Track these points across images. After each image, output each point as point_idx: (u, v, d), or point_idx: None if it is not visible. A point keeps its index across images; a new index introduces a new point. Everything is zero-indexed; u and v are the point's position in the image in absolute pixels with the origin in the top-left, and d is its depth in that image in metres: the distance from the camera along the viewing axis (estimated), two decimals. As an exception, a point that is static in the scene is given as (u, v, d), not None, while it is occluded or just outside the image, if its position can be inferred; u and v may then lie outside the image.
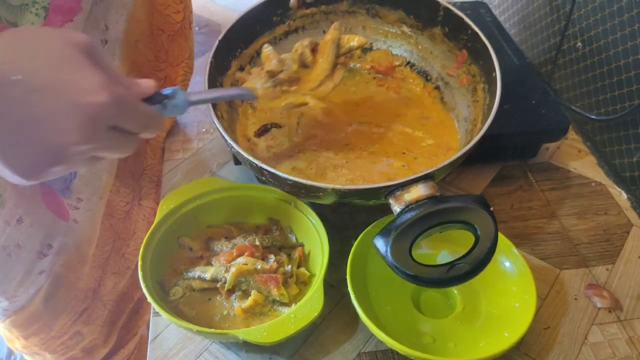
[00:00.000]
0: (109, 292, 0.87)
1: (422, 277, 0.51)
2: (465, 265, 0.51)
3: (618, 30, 0.73)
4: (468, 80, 0.72)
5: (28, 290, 0.71)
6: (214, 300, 0.60)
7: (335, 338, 0.60)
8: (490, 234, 0.51)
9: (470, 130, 0.69)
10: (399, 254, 0.51)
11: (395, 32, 0.80)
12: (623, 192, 0.75)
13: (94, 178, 0.74)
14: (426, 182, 0.55)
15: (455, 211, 0.53)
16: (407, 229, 0.52)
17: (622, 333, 0.60)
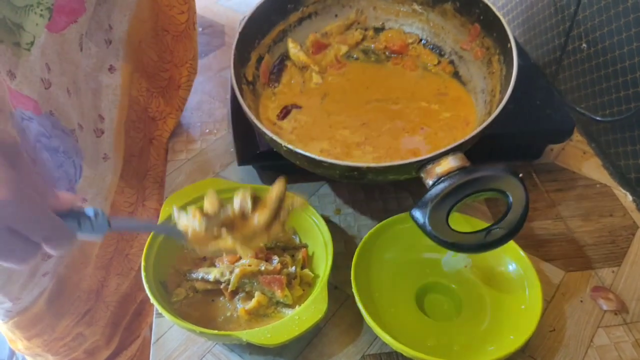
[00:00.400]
0: (112, 293, 0.87)
1: (461, 244, 0.53)
2: (501, 230, 0.53)
3: (623, 31, 0.73)
4: (482, 53, 0.73)
5: (32, 291, 0.71)
6: (217, 301, 0.60)
7: (340, 340, 0.59)
8: (522, 200, 0.53)
9: (490, 101, 0.69)
10: (437, 224, 0.53)
11: (406, 11, 0.80)
12: (628, 193, 0.75)
13: (98, 179, 0.74)
14: (455, 154, 0.56)
15: (487, 180, 0.54)
16: (442, 200, 0.54)
17: (628, 336, 0.60)
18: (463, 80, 0.76)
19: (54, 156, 0.67)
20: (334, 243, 0.60)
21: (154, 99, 0.83)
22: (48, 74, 0.60)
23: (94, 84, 0.70)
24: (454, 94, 0.75)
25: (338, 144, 0.69)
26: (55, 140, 0.67)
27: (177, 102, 0.85)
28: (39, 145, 0.65)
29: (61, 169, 0.69)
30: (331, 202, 0.74)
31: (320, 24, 0.81)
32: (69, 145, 0.67)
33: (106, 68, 0.72)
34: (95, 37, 0.68)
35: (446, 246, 0.53)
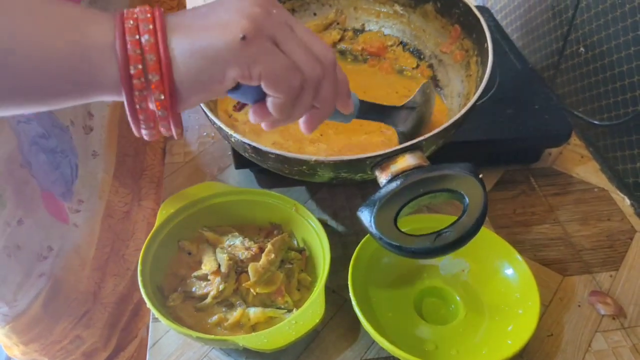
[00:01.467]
0: (109, 294, 0.86)
1: (407, 248, 0.48)
2: (452, 234, 0.47)
3: (621, 36, 0.73)
4: (462, 55, 0.72)
5: (28, 293, 0.71)
6: (214, 306, 0.60)
7: (337, 345, 0.59)
8: (479, 203, 0.48)
9: (464, 104, 0.68)
10: (384, 225, 0.49)
11: (387, 12, 0.80)
12: (626, 198, 0.75)
13: (90, 177, 0.74)
14: (414, 152, 0.53)
15: (442, 179, 0.50)
16: (392, 199, 0.50)
17: (626, 340, 0.59)
18: (440, 84, 0.76)
19: (51, 158, 0.67)
20: (332, 247, 0.60)
21: None
22: None
23: None
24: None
25: (291, 138, 0.67)
26: (54, 140, 0.66)
27: None
28: (35, 148, 0.65)
29: (58, 170, 0.69)
30: (328, 206, 0.74)
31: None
32: (66, 143, 0.67)
33: None
34: None
35: (391, 249, 0.49)
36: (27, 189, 0.65)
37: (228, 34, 0.40)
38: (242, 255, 0.60)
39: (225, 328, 0.57)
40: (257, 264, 0.58)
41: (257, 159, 0.59)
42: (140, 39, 0.39)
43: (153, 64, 0.39)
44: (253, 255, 0.60)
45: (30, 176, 0.65)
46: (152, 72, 0.39)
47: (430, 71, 0.77)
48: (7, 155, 0.61)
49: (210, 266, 0.61)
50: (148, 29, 0.39)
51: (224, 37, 0.40)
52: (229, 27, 0.40)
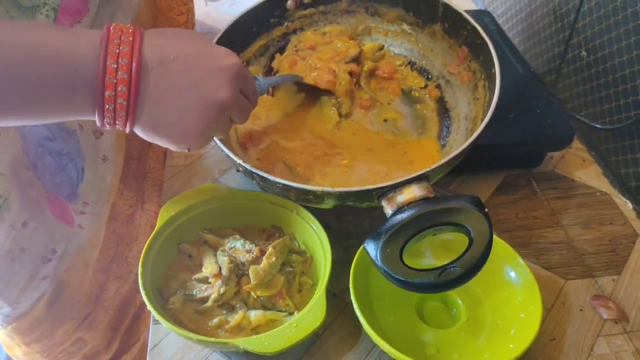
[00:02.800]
0: (112, 297, 0.86)
1: (412, 282, 0.49)
2: (457, 270, 0.48)
3: (623, 39, 0.73)
4: (469, 77, 0.72)
5: (31, 295, 0.71)
6: (214, 309, 0.60)
7: (338, 348, 0.59)
8: (485, 237, 0.49)
9: (471, 128, 0.68)
10: (390, 258, 0.50)
11: (395, 31, 0.80)
12: (628, 202, 0.75)
13: (99, 180, 0.74)
14: (420, 183, 0.53)
15: (449, 213, 0.51)
16: (397, 232, 0.50)
17: (628, 345, 0.59)
18: (448, 106, 0.75)
19: (57, 160, 0.67)
20: (333, 250, 0.60)
21: None
22: None
23: None
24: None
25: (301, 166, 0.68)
26: (59, 142, 0.66)
27: None
28: (41, 150, 0.65)
29: (63, 172, 0.69)
30: (330, 209, 0.73)
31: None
32: (72, 147, 0.67)
33: None
34: None
35: (396, 283, 0.49)
36: (32, 191, 0.65)
37: (180, 143, 0.49)
38: (243, 258, 0.60)
39: (226, 331, 0.57)
40: (258, 266, 0.58)
41: (264, 187, 0.60)
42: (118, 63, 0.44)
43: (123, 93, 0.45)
44: (254, 258, 0.60)
45: (35, 178, 0.65)
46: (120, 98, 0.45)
47: (438, 92, 0.77)
48: (12, 158, 0.61)
49: (211, 269, 0.60)
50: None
51: (176, 144, 0.49)
52: (183, 139, 0.49)
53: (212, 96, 0.48)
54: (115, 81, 0.43)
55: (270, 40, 0.78)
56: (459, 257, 0.49)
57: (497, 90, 0.62)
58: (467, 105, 0.72)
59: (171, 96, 0.46)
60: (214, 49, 0.49)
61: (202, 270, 0.61)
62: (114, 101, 0.44)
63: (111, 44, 0.44)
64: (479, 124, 0.64)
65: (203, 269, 0.61)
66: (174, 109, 0.47)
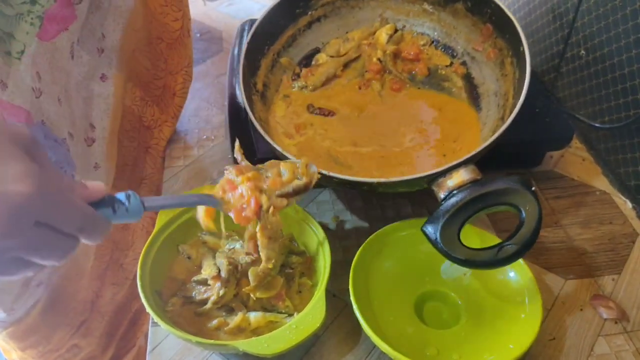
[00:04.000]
0: (107, 303, 0.86)
1: (473, 260, 0.53)
2: (513, 246, 0.52)
3: (622, 38, 0.72)
4: (495, 53, 0.72)
5: (26, 302, 0.70)
6: (214, 310, 0.59)
7: (338, 349, 0.59)
8: (535, 215, 0.52)
9: (503, 105, 0.68)
10: (448, 239, 0.53)
11: (417, 10, 0.80)
12: (628, 201, 0.74)
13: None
14: (467, 167, 0.56)
15: (500, 193, 0.54)
16: (454, 214, 0.53)
17: (628, 344, 0.59)
18: (475, 82, 0.75)
19: None
20: (332, 251, 0.60)
21: (149, 108, 0.83)
22: (39, 83, 0.59)
23: (85, 92, 0.70)
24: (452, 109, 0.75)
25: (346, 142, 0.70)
26: (48, 152, 0.66)
27: (173, 109, 0.85)
28: None
29: None
30: (329, 209, 0.73)
31: (330, 26, 0.81)
32: (61, 156, 0.66)
33: (98, 76, 0.71)
34: (87, 45, 0.67)
35: (458, 262, 0.53)
36: None
37: None
38: (242, 260, 0.60)
39: (226, 332, 0.57)
40: (257, 268, 0.58)
41: (321, 182, 0.61)
42: None
43: None
44: (253, 260, 0.60)
45: None
46: None
47: (464, 68, 0.77)
48: None
49: (210, 271, 0.60)
50: None
51: None
52: None
53: None
54: None
55: (297, 30, 0.79)
56: (512, 234, 0.52)
57: (528, 68, 0.63)
58: (495, 82, 0.72)
59: None
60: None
61: (202, 272, 0.61)
62: None
63: None
64: (510, 99, 0.66)
65: (202, 270, 0.61)
66: None
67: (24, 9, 0.55)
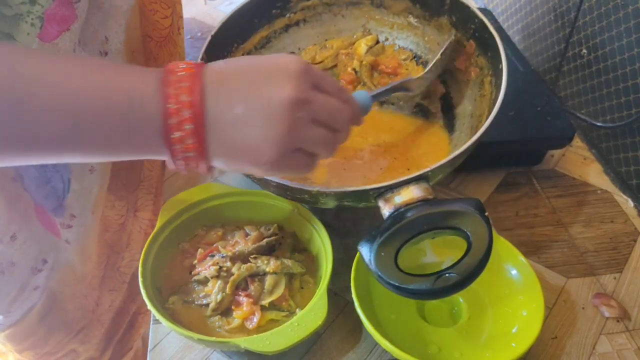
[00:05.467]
0: (106, 311, 0.85)
1: (406, 288, 0.47)
2: (454, 275, 0.46)
3: (624, 37, 0.72)
4: (476, 73, 0.70)
5: (22, 306, 0.70)
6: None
7: (339, 347, 0.59)
8: (484, 243, 0.47)
9: (475, 126, 0.67)
10: (384, 262, 0.48)
11: (401, 23, 0.78)
12: (630, 200, 0.74)
13: (85, 192, 0.72)
14: (419, 183, 0.51)
15: (448, 216, 0.49)
16: (393, 235, 0.48)
17: (630, 343, 0.59)
18: (454, 102, 0.73)
19: (42, 171, 0.66)
20: (333, 249, 0.60)
21: None
22: None
23: None
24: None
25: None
26: None
27: None
28: None
29: (49, 185, 0.67)
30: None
31: (309, 31, 0.79)
32: None
33: None
34: (89, 47, 0.67)
35: (390, 289, 0.48)
36: (19, 203, 0.63)
37: (257, 160, 0.43)
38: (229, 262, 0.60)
39: (227, 330, 0.57)
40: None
41: (259, 184, 0.59)
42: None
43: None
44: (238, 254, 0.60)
45: (22, 190, 0.64)
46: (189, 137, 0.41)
47: (443, 88, 0.75)
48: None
49: (210, 271, 0.60)
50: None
51: (253, 163, 0.43)
52: (259, 155, 0.42)
53: (275, 97, 0.42)
54: (181, 134, 0.40)
55: (272, 32, 0.76)
56: (455, 262, 0.47)
57: (503, 86, 0.60)
58: (473, 102, 0.71)
59: (235, 113, 0.42)
60: (273, 58, 0.45)
61: (200, 272, 0.61)
62: (183, 151, 0.41)
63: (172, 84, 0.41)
64: (483, 121, 0.63)
65: (201, 270, 0.61)
66: (240, 126, 0.42)
67: (23, 9, 0.54)
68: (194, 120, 0.40)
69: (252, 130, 0.42)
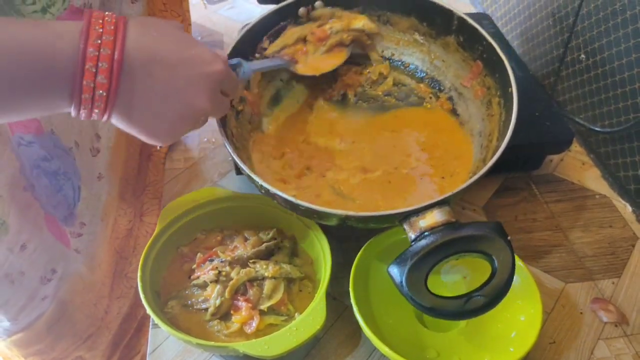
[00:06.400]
0: (114, 318, 0.85)
1: (438, 310, 0.51)
2: (482, 298, 0.50)
3: (622, 42, 0.73)
4: (483, 92, 0.70)
5: (30, 314, 0.70)
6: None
7: (338, 351, 0.59)
8: (508, 265, 0.50)
9: (486, 146, 0.66)
10: (415, 284, 0.50)
11: (407, 40, 0.78)
12: (628, 205, 0.75)
13: (94, 199, 0.73)
14: (441, 208, 0.53)
15: (472, 240, 0.52)
16: (423, 258, 0.51)
17: (628, 348, 0.59)
18: (461, 119, 0.73)
19: (53, 180, 0.66)
20: (332, 253, 0.60)
21: None
22: None
23: None
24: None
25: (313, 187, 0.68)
26: (56, 162, 0.65)
27: None
28: (36, 171, 0.63)
29: (60, 193, 0.67)
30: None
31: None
32: (69, 165, 0.66)
33: None
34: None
35: (423, 310, 0.51)
36: (30, 212, 0.63)
37: (152, 140, 0.48)
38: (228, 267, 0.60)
39: (226, 335, 0.57)
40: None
41: (287, 207, 0.59)
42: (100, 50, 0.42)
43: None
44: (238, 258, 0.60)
45: (33, 199, 0.64)
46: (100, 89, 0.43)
47: (450, 104, 0.75)
48: (9, 179, 0.59)
49: (209, 275, 0.60)
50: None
51: (147, 139, 0.48)
52: (156, 138, 0.48)
53: (191, 104, 0.47)
54: (95, 70, 0.42)
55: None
56: (482, 285, 0.50)
57: (514, 111, 0.60)
58: (481, 121, 0.70)
59: (150, 100, 0.45)
60: (199, 53, 0.48)
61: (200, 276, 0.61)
62: (92, 91, 0.42)
63: (92, 33, 0.42)
64: (494, 141, 0.64)
65: (201, 274, 0.61)
66: (151, 113, 0.46)
67: (35, 18, 0.54)
68: (110, 60, 0.42)
69: (160, 121, 0.47)
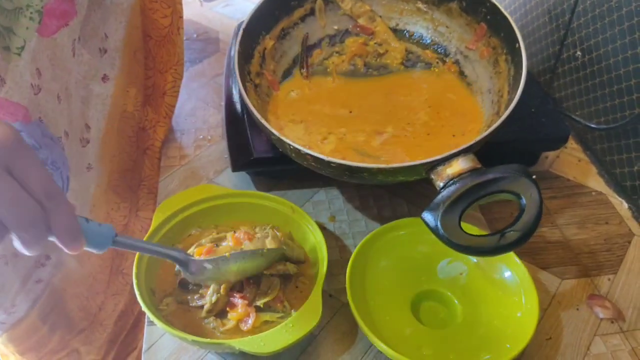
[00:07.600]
0: (109, 315, 0.85)
1: (475, 247, 0.53)
2: (515, 232, 0.52)
3: (618, 39, 0.73)
4: (489, 52, 0.72)
5: (26, 298, 0.70)
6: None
7: (334, 348, 0.59)
8: (536, 201, 0.52)
9: (497, 101, 0.69)
10: (449, 227, 0.52)
11: (410, 9, 0.79)
12: (624, 201, 0.75)
13: (83, 190, 0.72)
14: (466, 156, 0.56)
15: (500, 181, 0.54)
16: (454, 202, 0.53)
17: (625, 344, 0.59)
18: (468, 80, 0.76)
19: None
20: (329, 250, 0.60)
21: (143, 108, 0.82)
22: (38, 80, 0.59)
23: (84, 91, 0.69)
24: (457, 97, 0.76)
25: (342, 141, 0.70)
26: (44, 151, 0.65)
27: (165, 109, 0.84)
28: None
29: None
30: (325, 209, 0.73)
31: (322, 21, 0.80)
32: (57, 155, 0.65)
33: (99, 77, 0.71)
34: (89, 44, 0.67)
35: (460, 250, 0.53)
36: None
37: None
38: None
39: (221, 332, 0.57)
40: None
41: (316, 168, 0.61)
42: None
43: None
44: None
45: None
46: None
47: (456, 67, 0.77)
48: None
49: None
50: None
51: None
52: None
53: None
54: None
55: (291, 23, 0.78)
56: (513, 221, 0.53)
57: (524, 64, 0.64)
58: (489, 79, 0.72)
59: None
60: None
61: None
62: None
63: None
64: (505, 95, 0.67)
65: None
66: None
67: (23, 3, 0.54)
68: None
69: None
